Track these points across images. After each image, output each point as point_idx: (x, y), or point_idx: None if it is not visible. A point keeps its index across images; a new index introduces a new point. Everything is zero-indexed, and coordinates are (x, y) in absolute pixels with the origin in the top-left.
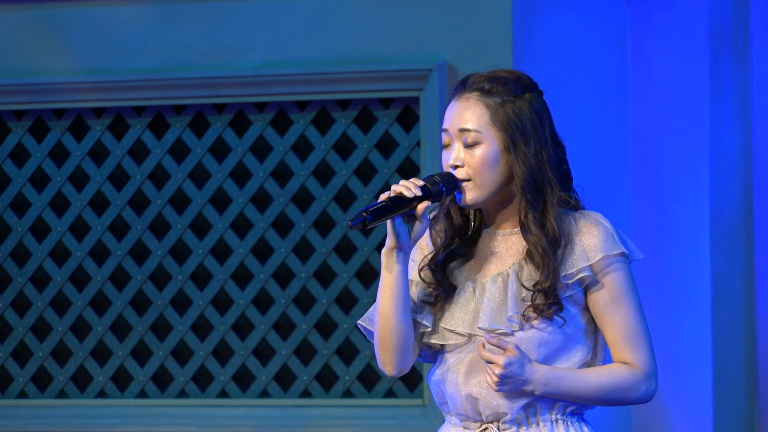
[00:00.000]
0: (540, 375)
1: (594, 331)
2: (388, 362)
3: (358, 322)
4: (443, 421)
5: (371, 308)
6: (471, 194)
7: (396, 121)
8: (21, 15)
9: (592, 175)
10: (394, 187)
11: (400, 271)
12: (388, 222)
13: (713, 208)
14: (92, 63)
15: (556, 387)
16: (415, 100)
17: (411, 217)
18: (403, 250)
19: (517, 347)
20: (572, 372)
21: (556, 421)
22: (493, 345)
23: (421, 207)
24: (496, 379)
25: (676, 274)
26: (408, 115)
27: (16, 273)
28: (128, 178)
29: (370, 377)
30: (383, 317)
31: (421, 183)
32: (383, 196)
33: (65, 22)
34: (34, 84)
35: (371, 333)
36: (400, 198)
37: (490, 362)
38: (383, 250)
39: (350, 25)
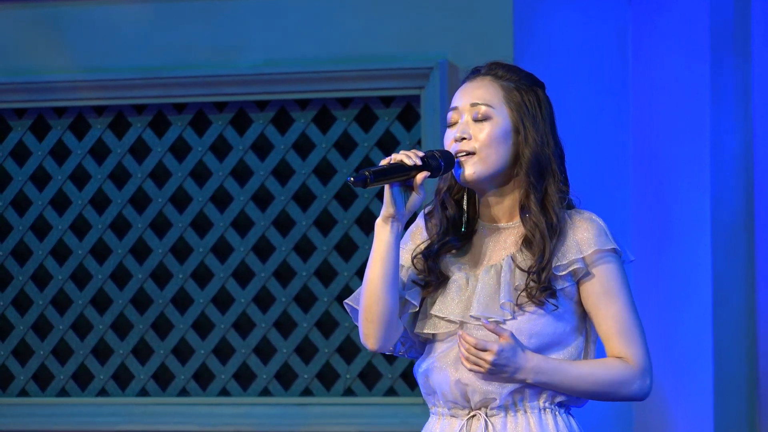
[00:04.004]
0: (533, 364)
1: (586, 330)
2: (370, 335)
3: (346, 301)
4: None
5: (359, 288)
6: (472, 168)
7: (397, 120)
8: (22, 14)
9: (592, 175)
10: (395, 155)
11: (392, 241)
12: (386, 190)
13: (714, 208)
14: (93, 61)
15: (550, 377)
16: (416, 99)
17: (408, 187)
18: (398, 220)
19: (513, 335)
20: (566, 363)
21: (544, 409)
22: (489, 330)
23: (420, 177)
24: (487, 366)
25: (676, 273)
26: (409, 113)
27: (17, 271)
28: (129, 176)
29: (371, 376)
30: (371, 286)
31: (421, 154)
32: (384, 162)
33: (66, 21)
34: (35, 82)
35: (356, 312)
36: (400, 165)
37: (483, 350)
38: (378, 220)
39: (351, 23)
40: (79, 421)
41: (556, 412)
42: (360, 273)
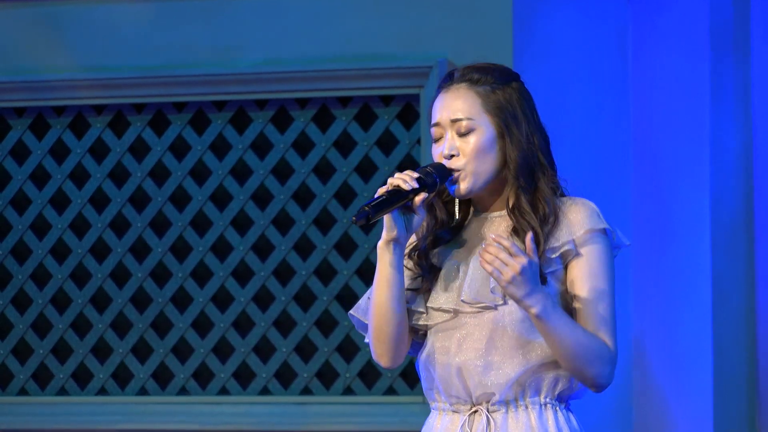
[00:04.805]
0: (543, 295)
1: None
2: (383, 354)
3: (350, 312)
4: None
5: (362, 299)
6: (466, 184)
7: (396, 119)
8: (22, 13)
9: (592, 174)
10: (390, 181)
11: (395, 263)
12: (386, 215)
13: (714, 207)
14: (93, 60)
15: (550, 315)
16: (415, 98)
17: (408, 209)
18: (400, 242)
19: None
20: (566, 314)
21: (545, 405)
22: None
23: (418, 199)
24: (512, 273)
25: (676, 272)
26: (408, 112)
27: (17, 270)
28: (129, 175)
29: (370, 374)
30: (379, 309)
31: (416, 175)
32: (381, 190)
33: (66, 20)
34: (35, 81)
35: (362, 324)
36: (398, 191)
37: (516, 256)
38: (379, 243)
39: (351, 22)
40: (78, 420)
41: (557, 408)
42: (359, 272)
